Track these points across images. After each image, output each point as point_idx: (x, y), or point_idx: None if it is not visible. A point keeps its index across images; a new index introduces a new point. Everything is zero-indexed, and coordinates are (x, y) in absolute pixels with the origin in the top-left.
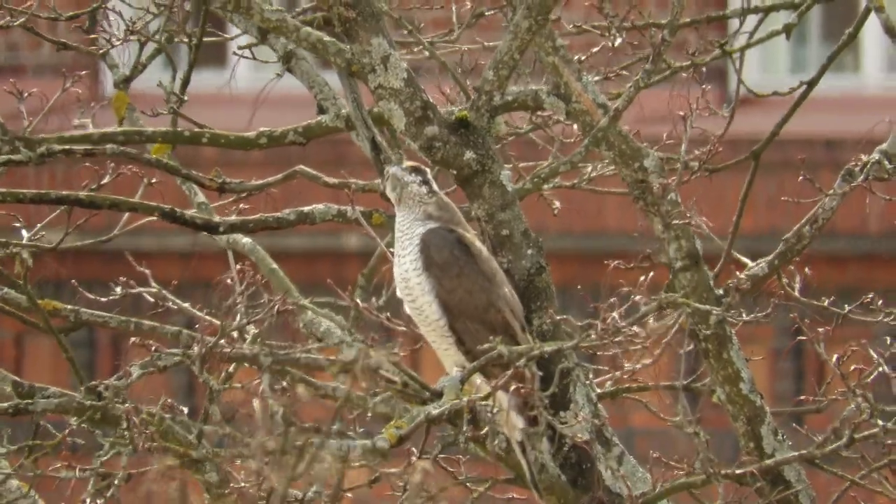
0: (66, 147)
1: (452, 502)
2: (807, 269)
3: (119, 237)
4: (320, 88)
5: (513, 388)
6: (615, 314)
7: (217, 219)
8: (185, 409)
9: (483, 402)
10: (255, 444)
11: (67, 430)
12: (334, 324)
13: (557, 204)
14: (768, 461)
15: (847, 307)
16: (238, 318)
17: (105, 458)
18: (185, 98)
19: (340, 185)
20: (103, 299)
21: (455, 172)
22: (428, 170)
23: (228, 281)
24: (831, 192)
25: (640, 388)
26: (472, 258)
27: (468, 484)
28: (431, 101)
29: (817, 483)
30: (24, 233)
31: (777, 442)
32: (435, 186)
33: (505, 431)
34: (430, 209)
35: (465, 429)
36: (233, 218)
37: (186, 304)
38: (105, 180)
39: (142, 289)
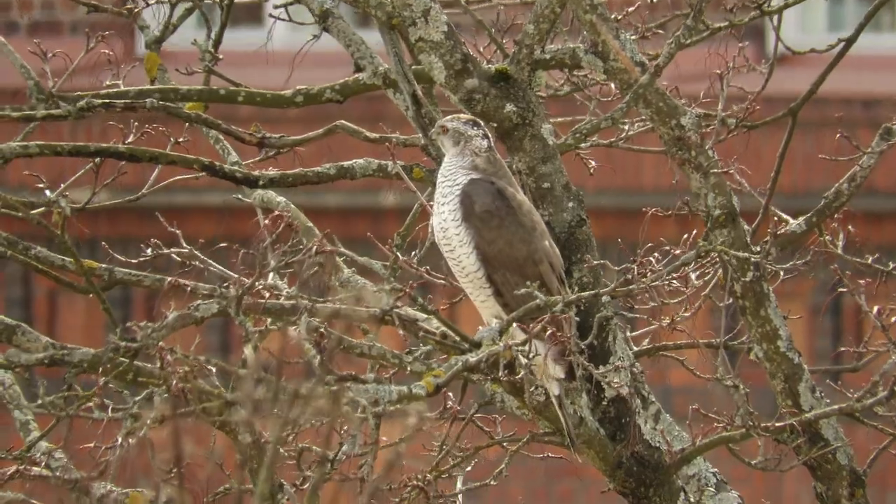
0: (106, 101)
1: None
2: (850, 227)
3: (152, 195)
4: (357, 47)
5: (549, 335)
6: (652, 258)
7: (257, 172)
8: (213, 369)
9: (521, 349)
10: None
11: (105, 381)
12: (375, 271)
13: (594, 163)
14: (808, 415)
15: (892, 265)
16: (277, 261)
17: (139, 399)
18: (220, 56)
19: (381, 140)
20: (134, 261)
21: (496, 125)
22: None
23: (264, 227)
24: (869, 150)
25: (677, 345)
26: (512, 210)
27: (504, 444)
28: (472, 53)
29: (857, 443)
30: (48, 193)
31: (815, 399)
32: (492, 142)
33: (543, 383)
34: (478, 161)
35: (502, 374)
36: (272, 172)
37: (215, 265)
38: (130, 139)
39: (172, 249)
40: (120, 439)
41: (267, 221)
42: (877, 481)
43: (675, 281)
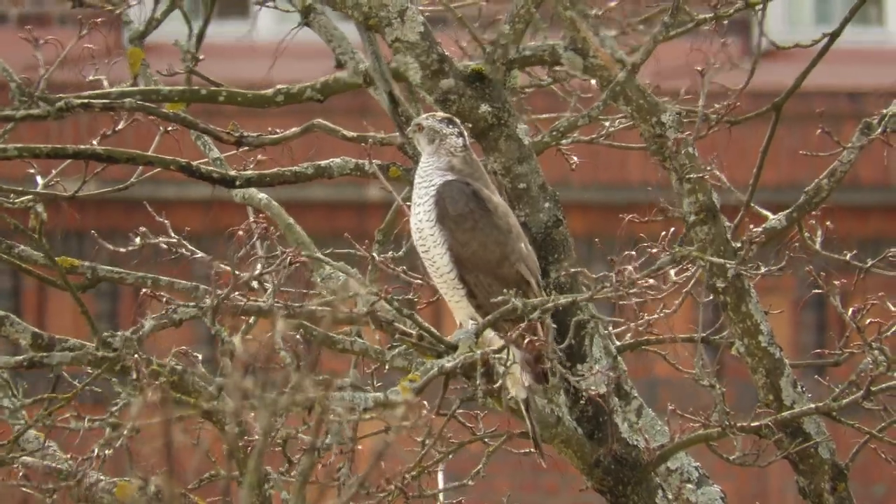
0: (85, 101)
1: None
2: (828, 223)
3: (138, 185)
4: (339, 43)
5: (524, 342)
6: (630, 267)
7: (234, 173)
8: (199, 357)
9: (496, 356)
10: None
11: (82, 385)
12: (350, 276)
13: (575, 159)
14: (784, 413)
15: (869, 261)
16: (252, 270)
17: (117, 408)
18: (201, 56)
19: (359, 139)
20: (122, 250)
21: (471, 126)
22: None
23: (241, 233)
24: (849, 145)
25: (660, 340)
26: (487, 212)
27: (486, 440)
28: (447, 54)
29: (840, 437)
30: (39, 179)
31: (797, 394)
32: (468, 141)
33: (510, 388)
34: (454, 161)
35: (479, 382)
36: (250, 172)
37: (202, 254)
38: (121, 125)
39: (160, 238)
40: (97, 450)
41: (248, 222)
42: (859, 475)
43: (652, 281)
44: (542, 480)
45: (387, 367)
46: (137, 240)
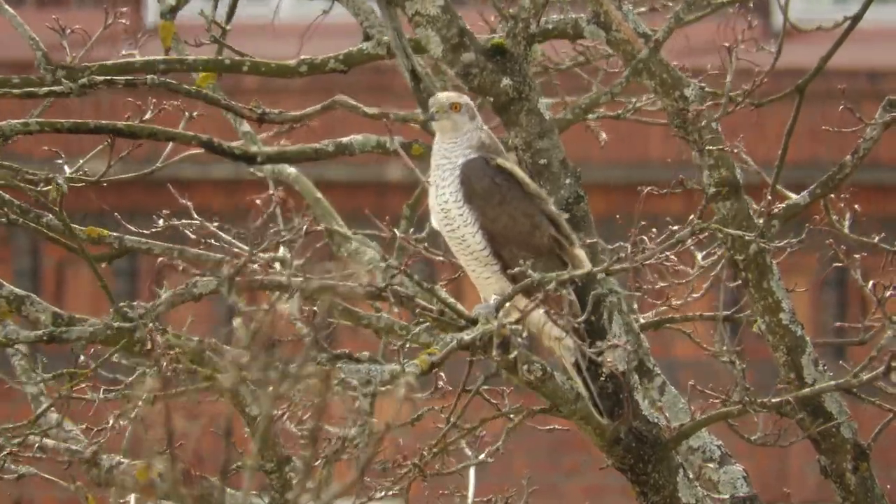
0: (108, 78)
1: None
2: (856, 206)
3: (161, 164)
4: (366, 16)
5: (544, 311)
6: (645, 237)
7: (255, 149)
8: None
9: (515, 327)
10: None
11: (102, 359)
12: (374, 251)
13: (604, 136)
14: (805, 390)
15: None
16: (270, 241)
17: (132, 379)
18: (228, 27)
19: (380, 116)
20: (146, 232)
21: (492, 100)
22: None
23: (258, 202)
24: (872, 122)
25: (682, 318)
26: (512, 184)
27: (511, 416)
28: (468, 28)
29: (862, 417)
30: (67, 168)
31: (818, 372)
32: (480, 119)
33: (559, 352)
34: (482, 136)
35: (495, 354)
36: (271, 148)
37: (225, 236)
38: (147, 116)
39: (183, 220)
40: (111, 421)
41: (269, 193)
42: (881, 455)
43: (672, 257)
44: (561, 461)
45: (409, 344)
46: (161, 222)
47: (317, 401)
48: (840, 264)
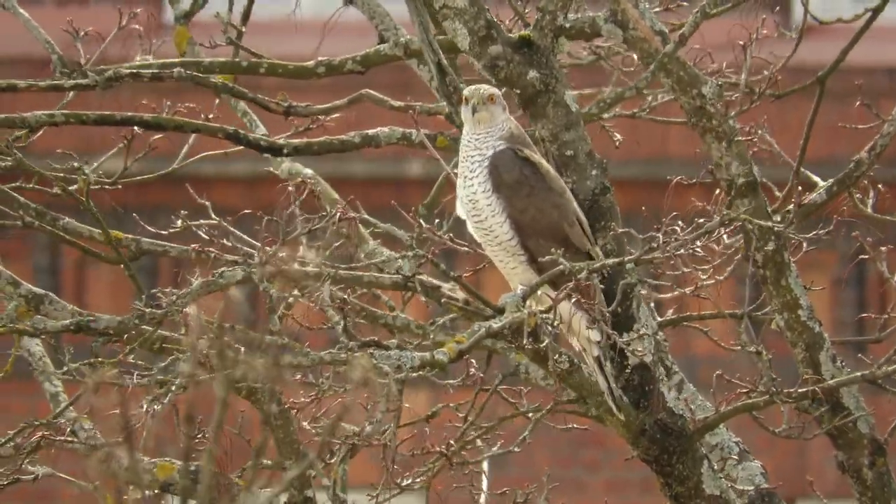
0: (134, 71)
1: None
2: (880, 186)
3: (178, 164)
4: (381, 19)
5: (575, 301)
6: (677, 226)
7: (282, 141)
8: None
9: (545, 316)
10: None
11: (130, 346)
12: (395, 249)
13: (619, 136)
14: (829, 382)
15: None
16: (299, 231)
17: (165, 363)
18: (243, 29)
19: (406, 109)
20: (164, 232)
21: (518, 92)
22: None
23: (287, 195)
24: (890, 118)
25: (701, 316)
26: (541, 176)
27: (529, 415)
28: (495, 20)
29: (879, 412)
30: (86, 168)
31: (836, 368)
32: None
33: (582, 345)
34: (511, 126)
35: (525, 341)
36: (297, 140)
37: (243, 235)
38: (164, 114)
39: (202, 221)
40: (146, 405)
41: (291, 188)
42: None
43: (699, 249)
44: (580, 455)
45: (430, 339)
46: (179, 222)
47: (349, 388)
48: (865, 256)
